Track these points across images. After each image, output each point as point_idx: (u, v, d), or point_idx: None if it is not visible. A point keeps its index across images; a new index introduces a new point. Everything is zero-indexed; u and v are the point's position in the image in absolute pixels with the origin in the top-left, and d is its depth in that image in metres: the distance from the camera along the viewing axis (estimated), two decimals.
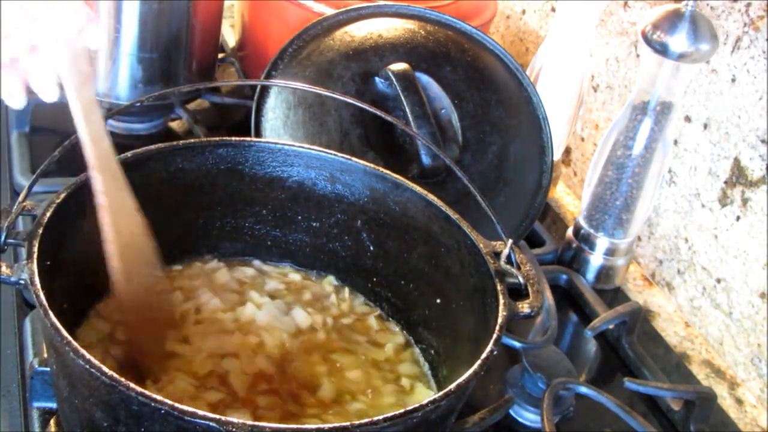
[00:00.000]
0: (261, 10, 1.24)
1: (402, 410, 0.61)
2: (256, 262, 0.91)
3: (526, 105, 1.07)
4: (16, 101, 0.69)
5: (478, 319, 0.76)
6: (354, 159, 0.87)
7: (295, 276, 0.91)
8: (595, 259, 1.10)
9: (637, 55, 1.17)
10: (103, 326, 0.79)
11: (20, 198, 0.72)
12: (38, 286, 0.65)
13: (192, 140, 0.85)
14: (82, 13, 0.65)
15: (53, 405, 0.77)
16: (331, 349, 0.83)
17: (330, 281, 0.91)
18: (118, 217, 0.73)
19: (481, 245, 0.78)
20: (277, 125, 1.00)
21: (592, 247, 1.10)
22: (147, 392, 0.58)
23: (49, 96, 0.68)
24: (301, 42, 1.06)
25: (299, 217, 0.90)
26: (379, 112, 0.85)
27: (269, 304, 0.86)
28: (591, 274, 1.11)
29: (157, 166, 0.83)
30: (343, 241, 0.89)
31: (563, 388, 0.86)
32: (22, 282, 0.66)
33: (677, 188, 1.11)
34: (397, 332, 0.87)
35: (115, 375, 0.58)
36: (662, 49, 0.96)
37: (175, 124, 1.26)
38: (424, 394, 0.80)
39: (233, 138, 0.86)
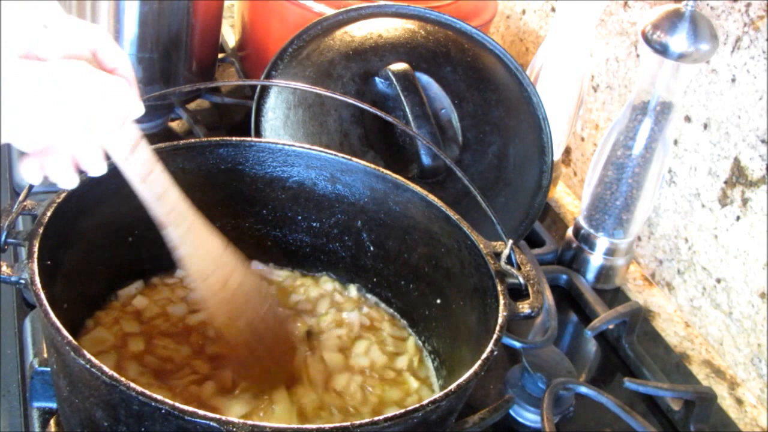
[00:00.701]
0: (261, 10, 1.24)
1: (402, 410, 0.61)
2: (256, 263, 0.91)
3: (526, 105, 1.08)
4: (68, 182, 0.63)
5: (478, 319, 0.76)
6: (354, 159, 0.87)
7: (295, 276, 0.91)
8: (595, 259, 1.10)
9: (637, 55, 1.17)
10: (106, 335, 0.79)
11: (20, 197, 0.72)
12: (39, 285, 0.65)
13: (193, 140, 0.85)
14: (119, 87, 0.61)
15: (53, 405, 0.77)
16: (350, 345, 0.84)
17: (329, 280, 0.91)
18: (203, 263, 0.71)
19: (482, 246, 0.78)
20: (277, 125, 1.00)
21: (592, 247, 1.10)
22: (147, 392, 0.58)
23: (96, 171, 0.64)
24: (301, 42, 1.06)
25: (299, 218, 0.90)
26: (379, 112, 0.85)
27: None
28: (591, 274, 1.11)
29: None
30: (344, 241, 0.90)
31: (563, 388, 0.86)
32: (22, 281, 0.66)
33: (677, 188, 1.11)
34: (407, 330, 0.87)
35: (116, 374, 0.59)
36: (662, 49, 0.96)
37: (175, 124, 1.26)
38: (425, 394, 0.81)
39: (234, 138, 0.86)
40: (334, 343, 0.83)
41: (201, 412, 0.57)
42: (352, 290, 0.90)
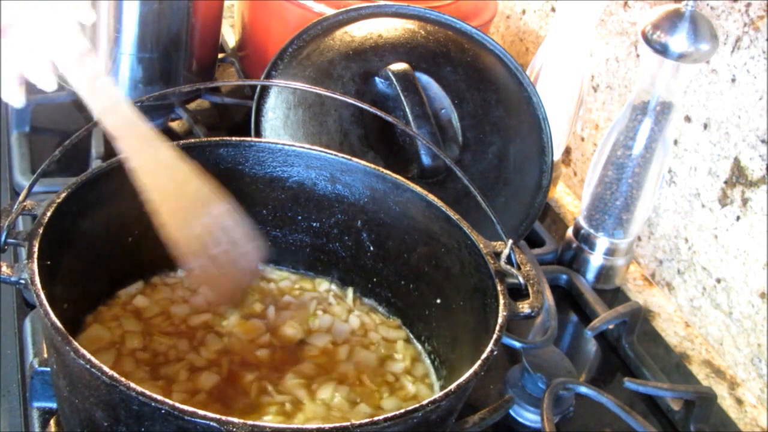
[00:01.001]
0: (261, 10, 1.24)
1: (402, 410, 0.61)
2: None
3: (526, 105, 1.08)
4: (16, 99, 0.66)
5: (478, 319, 0.76)
6: (354, 159, 0.87)
7: (293, 275, 0.91)
8: (595, 259, 1.10)
9: (637, 55, 1.17)
10: (104, 333, 0.79)
11: (20, 198, 0.72)
12: (38, 285, 0.64)
13: (192, 140, 0.85)
14: None
15: (53, 405, 0.77)
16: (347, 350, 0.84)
17: (329, 282, 0.91)
18: (156, 176, 0.73)
19: (482, 245, 0.78)
20: (277, 125, 1.00)
21: (592, 247, 1.10)
22: (147, 392, 0.58)
23: (47, 84, 0.65)
24: (301, 42, 1.06)
25: (299, 218, 0.90)
26: (379, 112, 0.85)
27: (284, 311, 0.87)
28: (591, 274, 1.11)
29: None
30: (344, 241, 0.89)
31: (563, 388, 0.86)
32: (22, 282, 0.66)
33: (677, 188, 1.11)
34: (405, 331, 0.87)
35: (116, 374, 0.59)
36: (662, 49, 0.96)
37: (175, 124, 1.26)
38: (425, 394, 0.81)
39: (234, 138, 0.86)
40: (326, 349, 0.83)
41: (201, 412, 0.57)
42: (350, 294, 0.90)
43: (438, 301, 0.84)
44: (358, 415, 0.76)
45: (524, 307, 0.73)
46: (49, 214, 0.71)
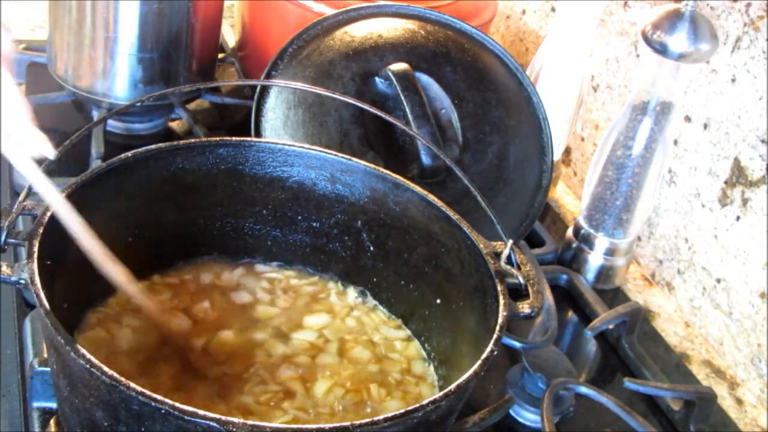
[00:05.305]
0: (261, 10, 1.24)
1: (402, 410, 0.61)
2: (257, 263, 0.92)
3: (526, 105, 1.08)
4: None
5: (478, 319, 0.76)
6: (354, 159, 0.87)
7: (294, 275, 0.91)
8: (595, 259, 1.10)
9: (637, 55, 1.17)
10: (104, 333, 0.79)
11: (20, 198, 0.72)
12: (38, 285, 0.64)
13: (192, 140, 0.85)
14: None
15: (53, 405, 0.77)
16: (346, 348, 0.84)
17: (330, 280, 0.91)
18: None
19: (482, 245, 0.78)
20: (277, 125, 1.00)
21: (592, 247, 1.10)
22: (147, 392, 0.58)
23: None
24: (301, 42, 1.06)
25: (299, 218, 0.90)
26: (379, 112, 0.85)
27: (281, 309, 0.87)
28: (591, 274, 1.11)
29: (157, 165, 0.83)
30: (344, 241, 0.89)
31: (563, 388, 0.86)
32: (22, 282, 0.66)
33: (677, 188, 1.11)
34: (405, 331, 0.88)
35: (116, 375, 0.59)
36: (662, 49, 0.96)
37: (175, 124, 1.26)
38: (425, 394, 0.81)
39: (233, 138, 0.86)
40: (330, 349, 0.83)
41: (201, 411, 0.57)
42: (351, 293, 0.90)
43: (438, 301, 0.84)
44: (350, 416, 0.76)
45: (524, 307, 0.73)
46: (49, 214, 0.71)
